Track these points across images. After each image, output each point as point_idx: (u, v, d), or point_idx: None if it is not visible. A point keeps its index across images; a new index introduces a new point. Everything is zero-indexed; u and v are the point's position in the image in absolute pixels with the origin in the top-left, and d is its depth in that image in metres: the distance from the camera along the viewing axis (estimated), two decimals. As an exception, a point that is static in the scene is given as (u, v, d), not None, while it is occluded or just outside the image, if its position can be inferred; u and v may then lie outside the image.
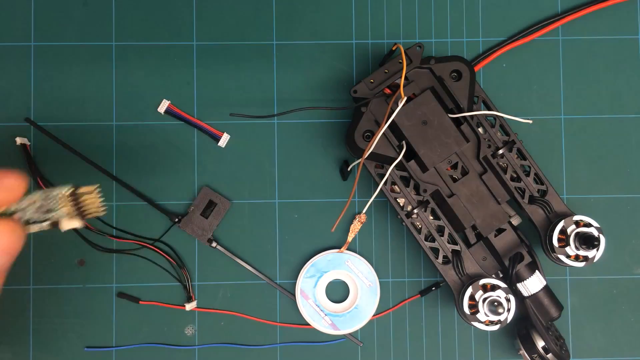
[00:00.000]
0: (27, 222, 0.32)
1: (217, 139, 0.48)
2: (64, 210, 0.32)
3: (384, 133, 0.43)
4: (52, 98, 0.48)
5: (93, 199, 0.32)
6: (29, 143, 0.48)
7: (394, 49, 0.45)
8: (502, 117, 0.45)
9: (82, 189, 0.32)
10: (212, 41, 0.49)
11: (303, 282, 0.48)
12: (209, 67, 0.49)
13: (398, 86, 0.43)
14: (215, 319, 0.49)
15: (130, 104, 0.49)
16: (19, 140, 0.48)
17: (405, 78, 0.44)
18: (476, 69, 0.49)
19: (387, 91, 0.44)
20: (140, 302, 0.48)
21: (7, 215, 0.32)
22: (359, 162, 0.44)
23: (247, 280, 0.49)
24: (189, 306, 0.48)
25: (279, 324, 0.49)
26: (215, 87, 0.49)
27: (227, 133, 0.49)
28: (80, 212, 0.32)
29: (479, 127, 0.45)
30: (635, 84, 0.50)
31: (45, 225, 0.32)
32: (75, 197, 0.32)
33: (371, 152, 0.43)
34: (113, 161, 0.48)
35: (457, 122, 0.44)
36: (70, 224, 0.32)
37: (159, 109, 0.48)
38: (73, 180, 0.48)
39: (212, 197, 0.48)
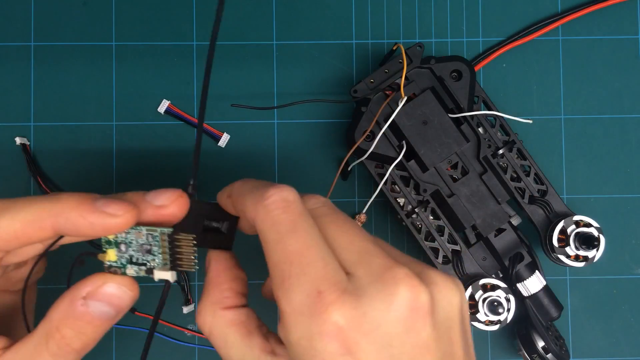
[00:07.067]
0: (129, 261, 0.32)
1: (217, 139, 0.48)
2: (162, 258, 0.31)
3: (384, 133, 0.43)
4: (52, 98, 0.48)
5: (188, 249, 0.31)
6: (28, 143, 0.48)
7: (394, 48, 0.45)
8: (502, 117, 0.45)
9: (181, 235, 0.30)
10: (212, 41, 0.49)
11: (303, 282, 0.48)
12: (209, 67, 0.49)
13: (398, 86, 0.43)
14: (215, 319, 0.48)
15: (130, 104, 0.49)
16: (19, 140, 0.48)
17: (406, 78, 0.44)
18: (476, 69, 0.49)
19: (388, 91, 0.44)
20: (136, 312, 0.47)
21: (114, 245, 0.31)
22: (359, 162, 0.44)
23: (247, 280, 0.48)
24: (186, 309, 0.47)
25: (279, 324, 0.49)
26: (215, 87, 0.49)
27: (227, 133, 0.49)
28: (174, 261, 0.31)
29: (479, 127, 0.45)
30: (635, 84, 0.50)
31: (142, 270, 0.32)
32: (172, 242, 0.31)
33: (371, 152, 0.43)
34: (113, 161, 0.48)
35: (457, 122, 0.44)
36: (163, 274, 0.31)
37: (159, 109, 0.48)
38: (73, 181, 0.48)
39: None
